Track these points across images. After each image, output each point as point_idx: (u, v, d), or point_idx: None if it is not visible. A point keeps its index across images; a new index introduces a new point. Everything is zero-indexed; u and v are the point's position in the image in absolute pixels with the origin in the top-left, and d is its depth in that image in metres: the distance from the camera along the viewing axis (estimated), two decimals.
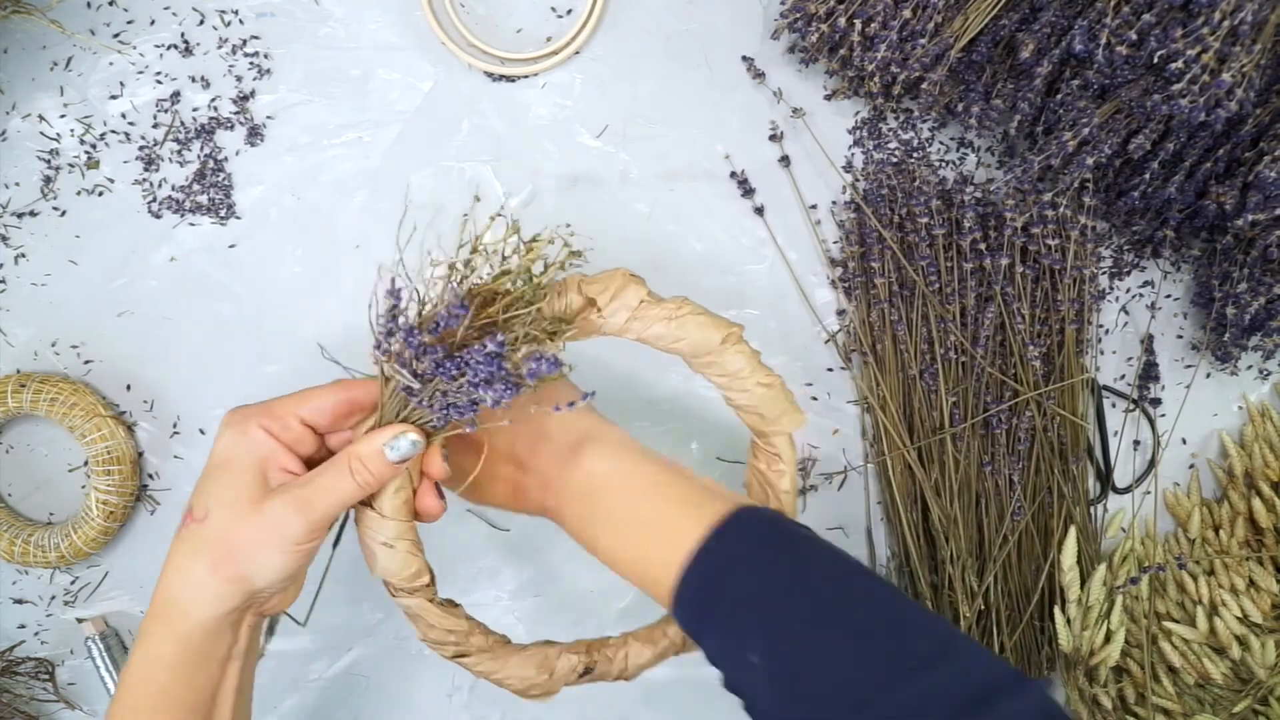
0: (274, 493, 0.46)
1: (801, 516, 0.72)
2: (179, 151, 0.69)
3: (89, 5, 0.68)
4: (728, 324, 0.52)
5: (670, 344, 0.51)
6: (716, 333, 0.51)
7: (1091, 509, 0.70)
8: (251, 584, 0.46)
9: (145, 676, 0.46)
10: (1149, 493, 0.72)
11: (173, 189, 0.69)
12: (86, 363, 0.70)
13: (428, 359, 0.45)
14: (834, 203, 0.70)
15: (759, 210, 0.70)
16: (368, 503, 0.48)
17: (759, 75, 0.69)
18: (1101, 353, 0.71)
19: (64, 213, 0.69)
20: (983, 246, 0.66)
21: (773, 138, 0.70)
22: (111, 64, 0.69)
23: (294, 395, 0.48)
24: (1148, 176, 0.63)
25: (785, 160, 0.70)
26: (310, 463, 0.48)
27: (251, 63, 0.69)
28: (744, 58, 0.69)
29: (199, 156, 0.69)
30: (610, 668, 0.58)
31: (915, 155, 0.70)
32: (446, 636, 0.52)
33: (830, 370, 0.71)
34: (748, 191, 0.69)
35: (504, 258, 0.47)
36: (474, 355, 0.44)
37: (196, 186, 0.69)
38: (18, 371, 0.70)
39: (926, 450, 0.68)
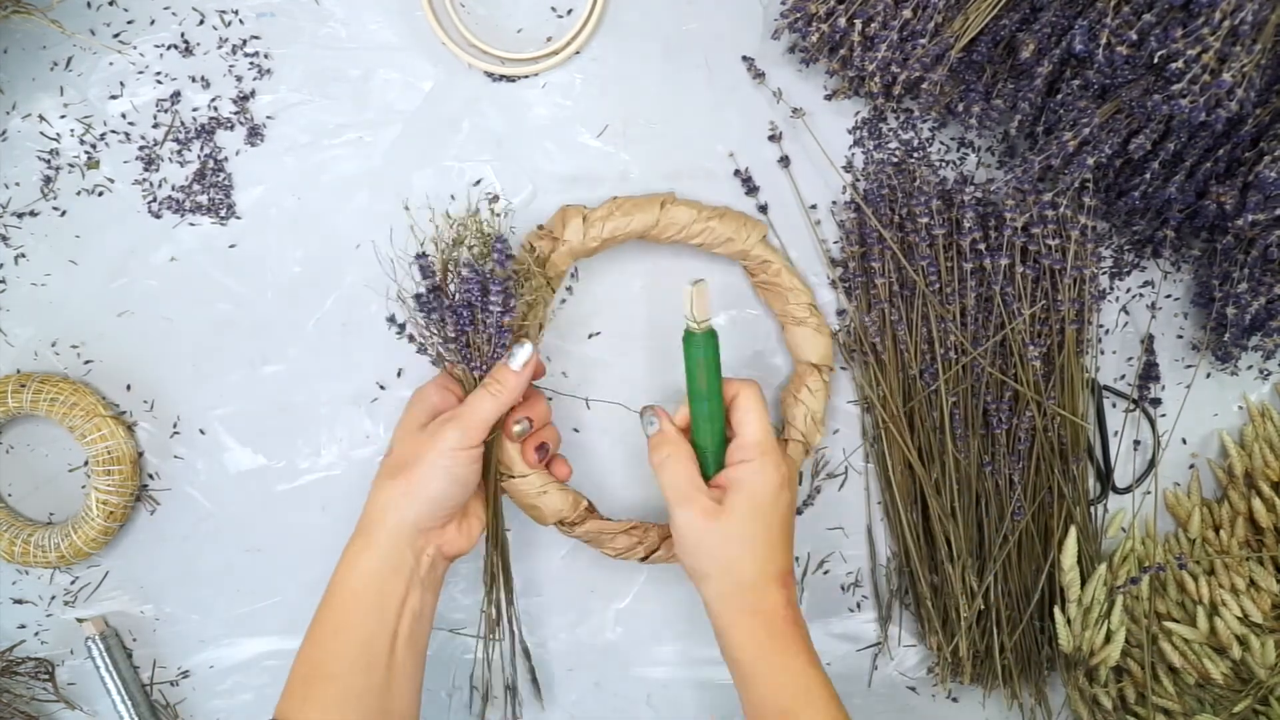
0: (435, 418, 0.59)
1: (806, 513, 0.72)
2: (179, 151, 0.69)
3: (89, 5, 0.68)
4: (657, 196, 0.65)
5: (625, 230, 0.64)
6: (653, 205, 0.64)
7: (1091, 509, 0.70)
8: (424, 490, 0.57)
9: (342, 582, 0.56)
10: (1149, 493, 0.72)
11: (173, 189, 0.69)
12: (87, 363, 0.70)
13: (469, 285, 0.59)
14: (834, 203, 0.70)
15: (762, 208, 0.70)
16: (510, 477, 0.63)
17: (759, 75, 0.69)
18: (1101, 353, 0.72)
19: (64, 213, 0.69)
20: (983, 246, 0.66)
21: (772, 138, 0.70)
22: (111, 64, 0.69)
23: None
24: (1148, 176, 0.63)
25: (785, 160, 0.70)
26: None
27: (251, 63, 0.69)
28: (744, 58, 0.69)
29: (199, 156, 0.69)
30: (639, 546, 0.67)
31: (915, 155, 0.70)
32: (630, 542, 0.65)
33: (844, 367, 0.71)
34: (751, 189, 0.69)
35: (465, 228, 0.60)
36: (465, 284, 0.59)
37: (196, 186, 0.69)
38: (18, 371, 0.70)
39: (926, 450, 0.68)
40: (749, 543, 0.57)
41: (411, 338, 0.62)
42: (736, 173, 0.69)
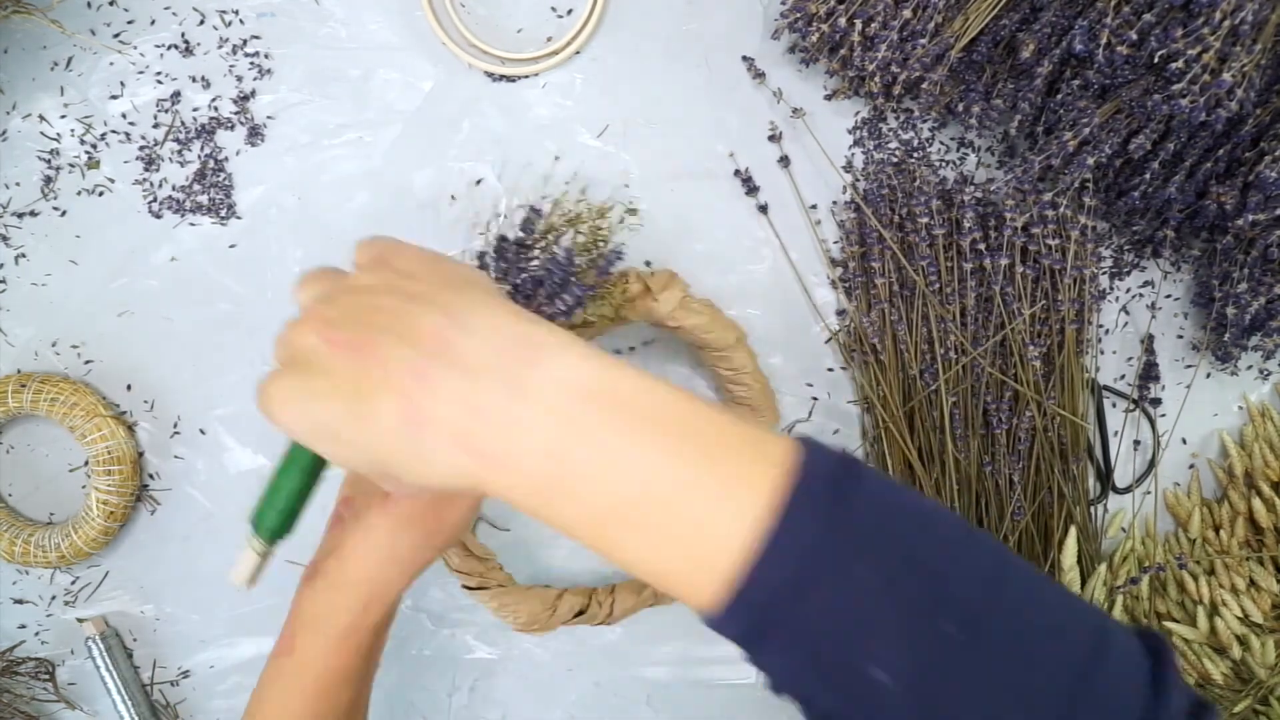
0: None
1: None
2: (179, 151, 0.69)
3: (89, 5, 0.69)
4: (736, 328, 0.65)
5: (702, 334, 0.64)
6: (731, 332, 0.65)
7: (1091, 509, 0.70)
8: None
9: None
10: (1149, 493, 0.72)
11: (173, 189, 0.69)
12: (87, 363, 0.70)
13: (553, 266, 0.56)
14: (834, 203, 0.70)
15: (763, 208, 0.70)
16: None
17: (759, 75, 0.69)
18: (1101, 353, 0.72)
19: (64, 213, 0.69)
20: (983, 246, 0.66)
21: (772, 138, 0.70)
22: (112, 64, 0.69)
23: None
24: (1148, 176, 0.63)
25: (785, 160, 0.70)
26: None
27: (252, 63, 0.69)
28: (744, 58, 0.69)
29: (199, 156, 0.69)
30: (600, 611, 0.67)
31: (915, 155, 0.70)
32: (473, 567, 0.65)
33: (830, 370, 0.71)
34: (751, 189, 0.69)
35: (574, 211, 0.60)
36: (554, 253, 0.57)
37: (197, 186, 0.69)
38: (18, 371, 0.70)
39: (926, 450, 0.68)
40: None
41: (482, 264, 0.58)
42: (737, 173, 0.69)
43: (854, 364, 0.71)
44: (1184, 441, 0.72)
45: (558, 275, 0.55)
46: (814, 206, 0.70)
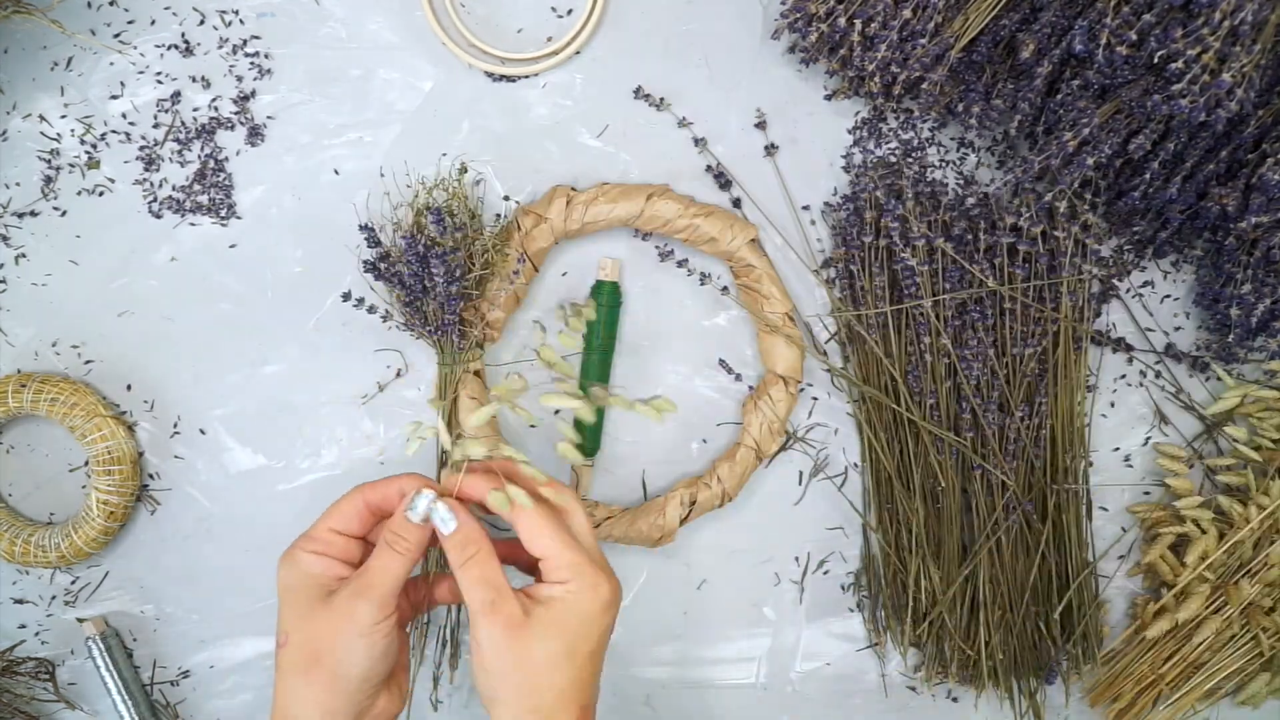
0: (336, 591, 0.50)
1: (806, 513, 0.72)
2: (179, 151, 0.69)
3: (89, 5, 0.69)
4: (646, 187, 0.65)
5: (608, 216, 0.65)
6: (640, 194, 0.65)
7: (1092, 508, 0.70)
8: (347, 681, 0.49)
9: None
10: (1147, 493, 0.72)
11: (173, 189, 0.69)
12: (87, 363, 0.70)
13: (408, 254, 0.62)
14: (825, 204, 0.70)
15: (736, 203, 0.70)
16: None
17: (759, 75, 0.69)
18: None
19: (64, 213, 0.69)
20: (982, 246, 0.66)
21: (769, 147, 0.70)
22: (112, 64, 0.69)
23: (323, 514, 0.53)
24: (1148, 177, 0.63)
25: (784, 160, 0.70)
26: None
27: (252, 63, 0.69)
28: (744, 58, 0.69)
29: (199, 156, 0.69)
30: (710, 495, 0.68)
31: (915, 155, 0.70)
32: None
33: (828, 370, 0.71)
34: (724, 184, 0.69)
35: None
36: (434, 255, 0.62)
37: (197, 186, 0.69)
38: (18, 371, 0.70)
39: (916, 451, 0.68)
40: (552, 667, 0.50)
41: (371, 308, 0.65)
42: (708, 168, 0.69)
43: (851, 364, 0.71)
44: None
45: (414, 260, 0.61)
46: (806, 207, 0.70)
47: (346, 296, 0.67)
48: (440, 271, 0.61)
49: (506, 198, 0.69)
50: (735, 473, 0.68)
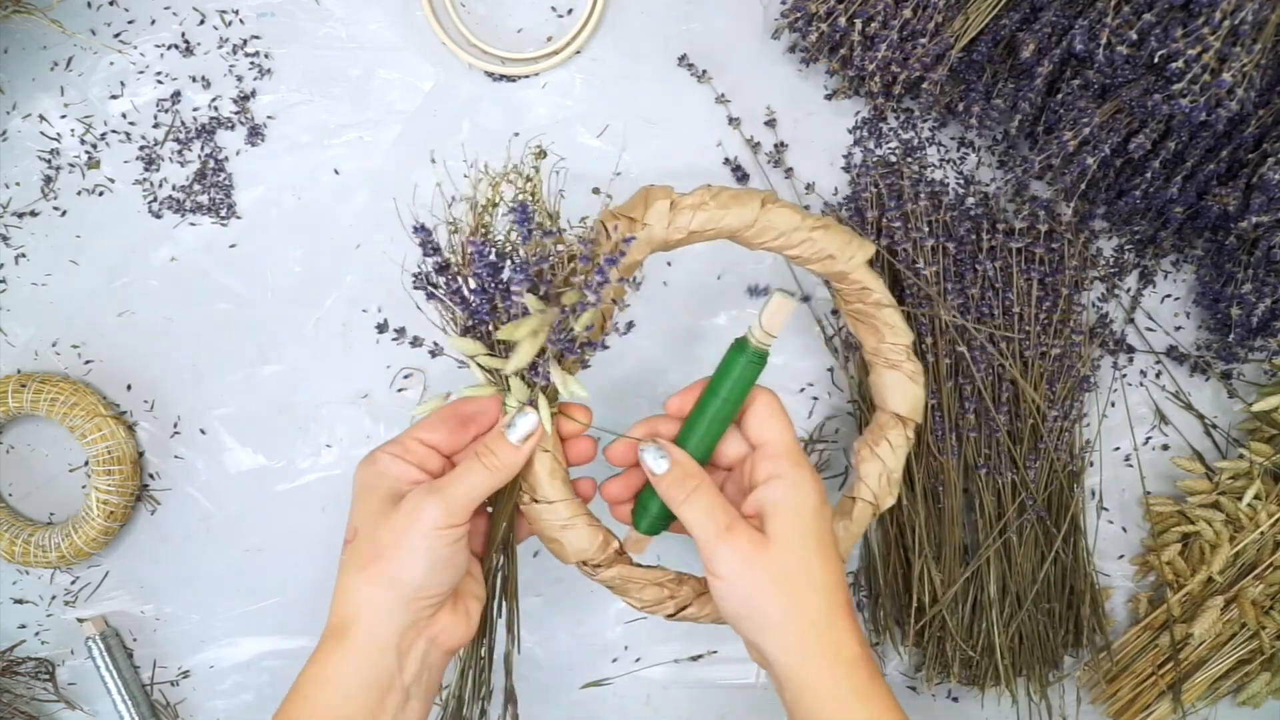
0: (410, 492, 0.48)
1: None
2: (179, 151, 0.69)
3: (89, 5, 0.69)
4: (757, 192, 0.54)
5: (718, 225, 0.53)
6: (753, 201, 0.53)
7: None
8: (403, 582, 0.46)
9: (307, 700, 0.47)
10: (1149, 491, 0.72)
11: (173, 189, 0.69)
12: (87, 363, 0.70)
13: (478, 265, 0.48)
14: (826, 204, 0.70)
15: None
16: (534, 500, 0.52)
17: (759, 75, 0.69)
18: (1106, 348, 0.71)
19: (64, 213, 0.69)
20: (982, 246, 0.66)
21: (775, 142, 0.70)
22: (112, 64, 0.69)
23: (414, 424, 0.51)
24: (1148, 176, 0.63)
25: (784, 160, 0.70)
26: None
27: (252, 63, 0.69)
28: (744, 58, 0.69)
29: (199, 156, 0.69)
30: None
31: (915, 155, 0.70)
32: (661, 595, 0.54)
33: (830, 370, 0.71)
34: (742, 178, 0.69)
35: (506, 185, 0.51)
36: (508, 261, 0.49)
37: (197, 186, 0.69)
38: (18, 371, 0.70)
39: (923, 452, 0.68)
40: (809, 572, 0.47)
41: (415, 340, 0.52)
42: (726, 161, 0.69)
43: (850, 363, 0.71)
44: (1166, 448, 0.72)
45: (485, 272, 0.48)
46: (806, 207, 0.70)
47: (383, 328, 0.53)
48: (519, 290, 0.47)
49: (596, 190, 0.65)
50: (851, 533, 0.59)
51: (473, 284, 0.49)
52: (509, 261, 0.49)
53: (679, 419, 0.53)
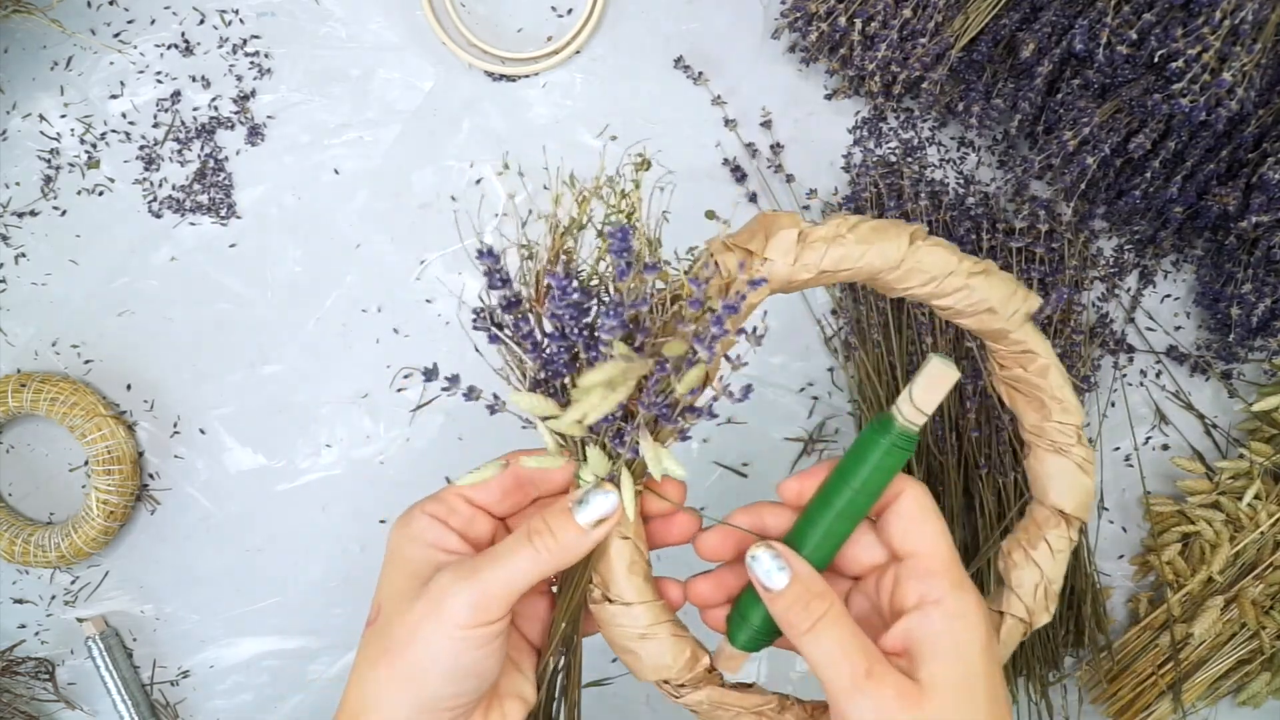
0: (441, 570, 0.39)
1: None
2: (179, 151, 0.69)
3: (89, 5, 0.69)
4: (904, 225, 0.43)
5: (855, 264, 0.42)
6: (900, 236, 0.42)
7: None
8: (423, 684, 0.38)
9: None
10: (1149, 491, 0.72)
11: (173, 189, 0.69)
12: (87, 362, 0.70)
13: (558, 304, 0.37)
14: (825, 203, 0.70)
15: (753, 198, 0.70)
16: (606, 598, 0.41)
17: (759, 75, 0.69)
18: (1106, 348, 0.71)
19: (64, 212, 0.69)
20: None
21: (771, 143, 0.70)
22: (112, 63, 0.69)
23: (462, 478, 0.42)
24: (1148, 176, 0.63)
25: (784, 160, 0.70)
26: None
27: (252, 62, 0.69)
28: (744, 58, 0.69)
29: (199, 156, 0.69)
30: None
31: (915, 154, 0.70)
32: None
33: (830, 370, 0.71)
34: (740, 178, 0.69)
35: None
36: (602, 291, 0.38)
37: (197, 186, 0.69)
38: (18, 371, 0.70)
39: (924, 452, 0.68)
40: None
41: (470, 392, 0.39)
42: (725, 161, 0.69)
43: (851, 364, 0.70)
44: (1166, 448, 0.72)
45: (569, 313, 0.37)
46: (806, 207, 0.70)
47: (429, 374, 0.37)
48: (614, 335, 0.36)
49: (711, 215, 0.45)
50: (998, 658, 0.46)
51: (549, 327, 0.39)
52: (596, 300, 0.39)
53: (795, 510, 0.42)
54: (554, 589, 0.43)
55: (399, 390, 0.70)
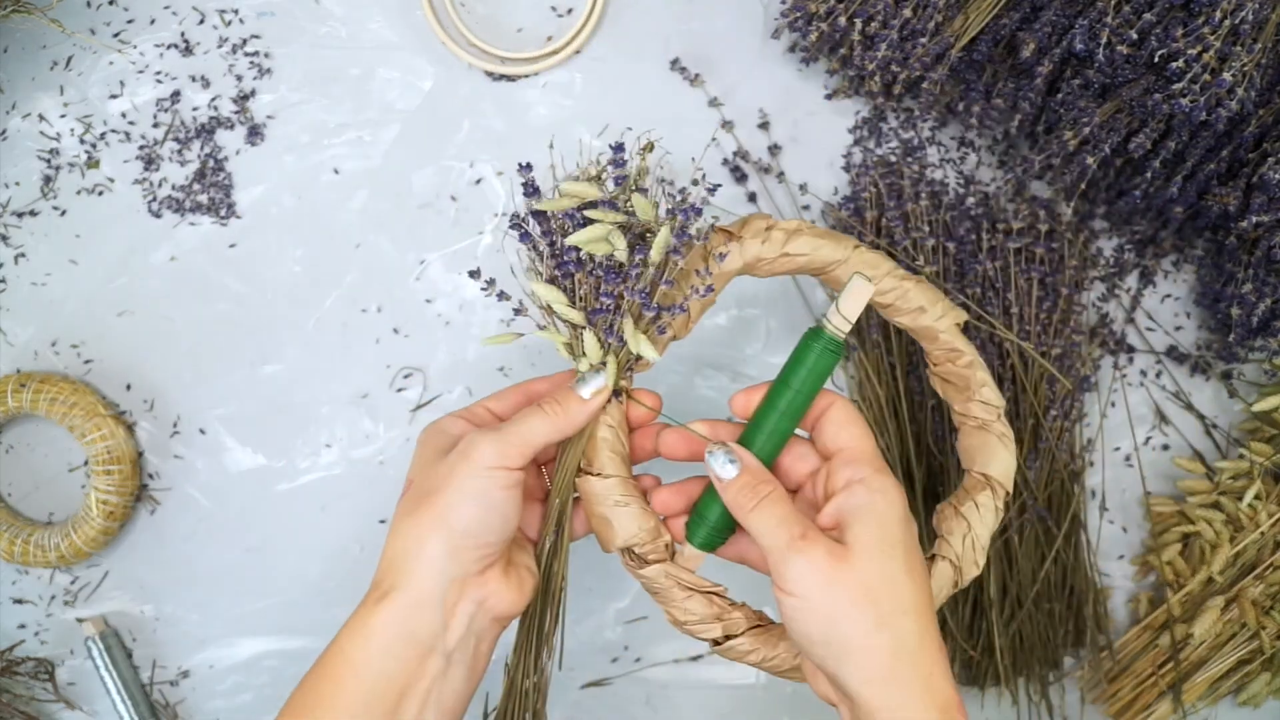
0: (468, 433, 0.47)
1: None
2: (179, 151, 0.69)
3: (89, 4, 0.68)
4: (846, 237, 0.53)
5: (810, 255, 0.52)
6: (846, 240, 0.52)
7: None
8: (451, 523, 0.44)
9: (338, 652, 0.45)
10: (1149, 491, 0.72)
11: (173, 188, 0.69)
12: (86, 362, 0.70)
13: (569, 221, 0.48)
14: (835, 203, 0.70)
15: (751, 198, 0.70)
16: (590, 474, 0.49)
17: (759, 75, 0.69)
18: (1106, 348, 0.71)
19: (64, 212, 0.69)
20: (982, 246, 0.66)
21: (768, 145, 0.70)
22: (111, 63, 0.69)
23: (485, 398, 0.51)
24: (1149, 176, 0.63)
25: (784, 160, 0.70)
26: None
27: (251, 62, 0.69)
28: (744, 58, 0.69)
29: (199, 156, 0.69)
30: None
31: (915, 154, 0.70)
32: (708, 612, 0.49)
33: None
34: (741, 178, 0.69)
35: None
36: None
37: (196, 186, 0.69)
38: (18, 371, 0.70)
39: (924, 452, 0.68)
40: (896, 589, 0.42)
41: (502, 295, 0.49)
42: (725, 161, 0.69)
43: (851, 362, 0.71)
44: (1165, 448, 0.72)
45: (613, 275, 0.47)
46: (806, 207, 0.70)
47: (474, 274, 0.49)
48: (643, 288, 0.48)
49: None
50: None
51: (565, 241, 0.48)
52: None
53: (744, 419, 0.49)
54: (548, 487, 0.51)
55: (399, 390, 0.70)
